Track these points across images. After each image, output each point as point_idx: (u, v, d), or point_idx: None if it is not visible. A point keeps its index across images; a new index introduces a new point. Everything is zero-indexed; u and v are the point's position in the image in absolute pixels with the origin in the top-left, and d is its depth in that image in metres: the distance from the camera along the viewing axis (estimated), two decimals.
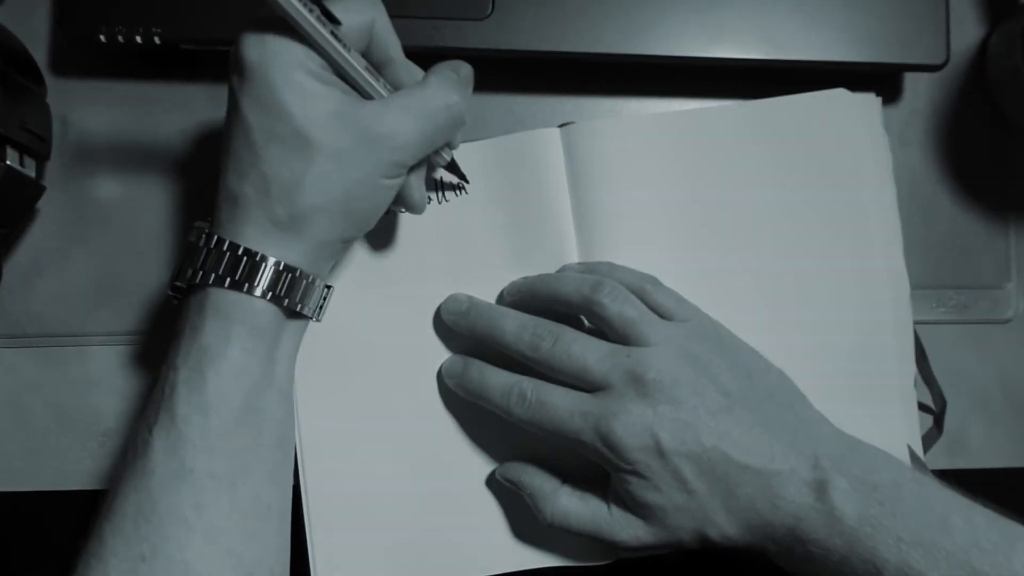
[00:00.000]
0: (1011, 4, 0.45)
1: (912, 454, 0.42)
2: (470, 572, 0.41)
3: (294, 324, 0.36)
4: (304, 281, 0.34)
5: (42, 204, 0.42)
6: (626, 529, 0.37)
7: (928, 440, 0.44)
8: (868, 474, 0.34)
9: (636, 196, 0.42)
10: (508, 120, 0.45)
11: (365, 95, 0.34)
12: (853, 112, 0.42)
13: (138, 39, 0.40)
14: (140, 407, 0.34)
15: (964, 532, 0.33)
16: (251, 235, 0.33)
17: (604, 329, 0.38)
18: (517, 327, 0.38)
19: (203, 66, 0.44)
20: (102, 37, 0.40)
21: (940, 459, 0.44)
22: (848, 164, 0.42)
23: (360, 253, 0.41)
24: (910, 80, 0.46)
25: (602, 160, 0.41)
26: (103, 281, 0.43)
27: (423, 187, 0.38)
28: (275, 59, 0.32)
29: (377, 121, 0.33)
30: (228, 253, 0.33)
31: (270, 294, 0.33)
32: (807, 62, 0.42)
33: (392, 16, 0.35)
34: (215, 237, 0.34)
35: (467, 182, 0.41)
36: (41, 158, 0.42)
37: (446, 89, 0.35)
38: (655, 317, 0.38)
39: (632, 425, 0.35)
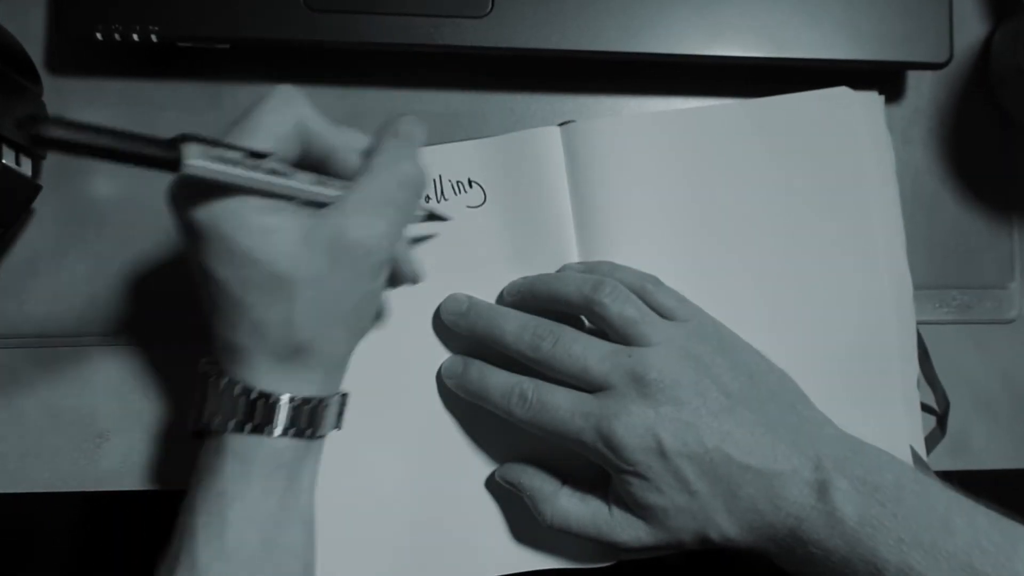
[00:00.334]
0: (1015, 2, 0.45)
1: (915, 455, 0.42)
2: (470, 574, 0.41)
3: (315, 446, 0.35)
4: (322, 406, 0.34)
5: (38, 203, 0.42)
6: (627, 530, 0.37)
7: (931, 441, 0.44)
8: (870, 475, 0.34)
9: (637, 195, 0.42)
10: (508, 119, 0.45)
11: (321, 205, 0.33)
12: (855, 111, 0.42)
13: (135, 37, 0.40)
14: (161, 546, 0.34)
15: (966, 533, 0.33)
16: (261, 377, 0.32)
17: (605, 329, 0.38)
18: (517, 327, 0.38)
19: (201, 64, 0.43)
20: (99, 35, 0.40)
21: (943, 460, 0.44)
22: (850, 163, 0.42)
23: None
24: (913, 78, 0.46)
25: (603, 159, 0.41)
26: (99, 281, 0.43)
27: (410, 257, 0.38)
28: (224, 212, 0.30)
29: (343, 231, 0.31)
30: (242, 397, 0.32)
31: (292, 431, 0.33)
32: (809, 60, 0.42)
33: (390, 14, 0.34)
34: (226, 379, 0.33)
35: (448, 219, 0.41)
36: (37, 157, 0.42)
37: (395, 162, 0.33)
38: (656, 317, 0.38)
39: (633, 426, 0.35)
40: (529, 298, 0.40)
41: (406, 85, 0.44)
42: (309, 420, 0.33)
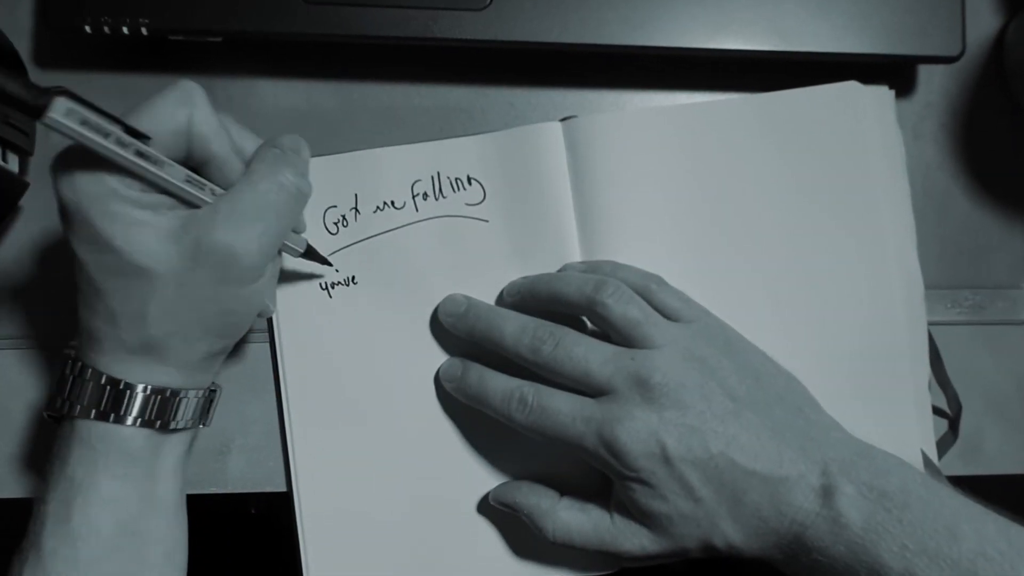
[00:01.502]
0: None
1: (926, 459, 0.42)
2: None
3: (175, 437, 0.36)
4: (175, 400, 0.34)
5: (25, 201, 0.42)
6: (630, 539, 0.37)
7: (943, 445, 0.44)
8: (877, 480, 0.34)
9: (640, 192, 0.42)
10: (508, 114, 0.44)
11: (192, 206, 0.33)
12: (865, 105, 0.42)
13: (125, 30, 0.40)
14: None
15: (972, 541, 0.33)
16: (111, 363, 0.33)
17: (607, 331, 0.38)
18: (517, 329, 0.38)
19: (192, 58, 0.43)
20: (88, 28, 0.40)
21: (955, 465, 0.44)
22: (860, 159, 0.42)
23: (354, 252, 0.41)
24: (924, 72, 0.46)
25: (605, 155, 0.41)
26: None
27: (273, 288, 0.38)
28: (90, 196, 0.31)
29: (211, 233, 0.32)
30: (91, 382, 0.33)
31: (140, 420, 0.33)
32: (817, 54, 0.42)
33: (386, 6, 0.34)
34: (79, 364, 0.34)
35: (330, 265, 0.40)
36: (24, 153, 0.42)
37: (273, 171, 0.34)
38: (660, 318, 0.38)
39: (637, 431, 0.35)
40: (529, 299, 0.40)
41: (403, 79, 0.44)
42: (160, 411, 0.34)
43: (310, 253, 0.39)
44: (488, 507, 0.41)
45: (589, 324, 0.40)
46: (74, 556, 0.32)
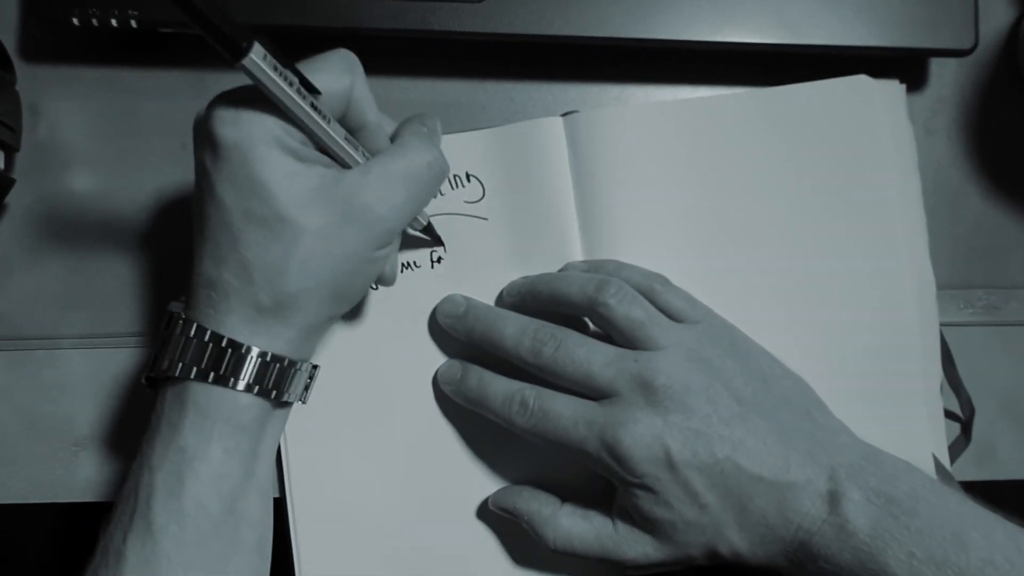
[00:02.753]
0: None
1: (937, 464, 0.41)
2: None
3: (279, 413, 0.35)
4: (292, 369, 0.34)
5: (11, 198, 0.42)
6: (633, 547, 0.37)
7: (955, 449, 0.43)
8: (885, 485, 0.34)
9: (644, 190, 0.41)
10: (508, 109, 0.44)
11: (344, 165, 0.34)
12: (875, 100, 0.42)
13: (113, 22, 0.40)
14: (113, 501, 0.34)
15: (980, 548, 0.33)
16: (234, 324, 0.32)
17: (610, 332, 0.38)
18: (517, 331, 0.38)
19: (182, 51, 0.43)
20: (75, 20, 0.40)
21: (968, 470, 0.44)
22: (870, 155, 0.42)
23: None
24: (936, 66, 0.46)
25: (608, 151, 0.41)
26: (76, 280, 0.43)
27: (396, 258, 0.38)
28: (253, 138, 0.31)
29: (360, 192, 0.32)
30: (211, 344, 0.32)
31: (257, 388, 0.33)
32: (826, 47, 0.41)
33: None
34: (195, 325, 0.33)
35: (443, 244, 0.41)
36: (10, 149, 0.41)
37: (424, 147, 0.35)
38: (664, 319, 0.38)
39: (640, 435, 0.35)
40: (530, 299, 0.40)
41: (400, 73, 0.44)
42: (277, 380, 0.33)
43: (429, 229, 0.40)
44: (487, 512, 0.41)
45: (591, 326, 0.40)
46: (183, 536, 0.32)
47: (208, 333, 0.32)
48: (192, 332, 0.33)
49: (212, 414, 0.32)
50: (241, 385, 0.32)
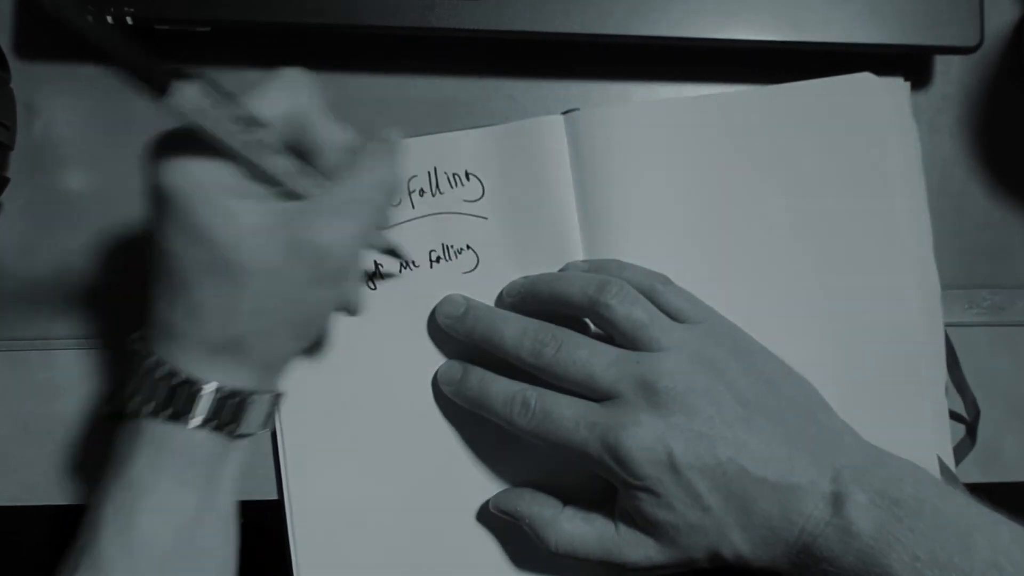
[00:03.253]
0: None
1: (942, 466, 0.41)
2: None
3: (241, 443, 0.35)
4: (250, 403, 0.34)
5: (5, 197, 0.42)
6: (636, 550, 0.36)
7: (960, 451, 0.43)
8: (889, 488, 0.34)
9: (645, 188, 0.41)
10: (508, 107, 0.44)
11: (295, 196, 0.33)
12: (879, 98, 0.42)
13: (109, 19, 0.40)
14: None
15: (984, 551, 0.33)
16: (188, 363, 0.32)
17: (612, 333, 0.38)
18: (517, 331, 0.38)
19: (179, 48, 0.43)
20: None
21: (973, 472, 0.44)
22: (874, 154, 0.42)
23: None
24: (941, 63, 0.46)
25: (609, 150, 0.41)
26: (71, 280, 0.43)
27: (358, 288, 0.38)
28: (192, 183, 0.30)
29: (307, 227, 0.31)
30: (164, 381, 0.32)
31: (213, 423, 0.33)
32: (829, 44, 0.41)
33: None
34: (148, 360, 0.32)
35: (412, 261, 0.41)
36: (4, 147, 0.41)
37: (377, 165, 0.34)
38: (667, 319, 0.37)
39: (642, 437, 0.35)
40: (530, 299, 0.40)
41: (398, 70, 0.44)
42: (233, 415, 0.33)
43: (394, 252, 0.39)
44: (488, 515, 0.41)
45: (593, 326, 0.40)
46: (133, 567, 0.31)
47: (161, 370, 0.32)
48: (146, 369, 0.32)
49: (164, 448, 0.32)
50: (194, 423, 0.32)
